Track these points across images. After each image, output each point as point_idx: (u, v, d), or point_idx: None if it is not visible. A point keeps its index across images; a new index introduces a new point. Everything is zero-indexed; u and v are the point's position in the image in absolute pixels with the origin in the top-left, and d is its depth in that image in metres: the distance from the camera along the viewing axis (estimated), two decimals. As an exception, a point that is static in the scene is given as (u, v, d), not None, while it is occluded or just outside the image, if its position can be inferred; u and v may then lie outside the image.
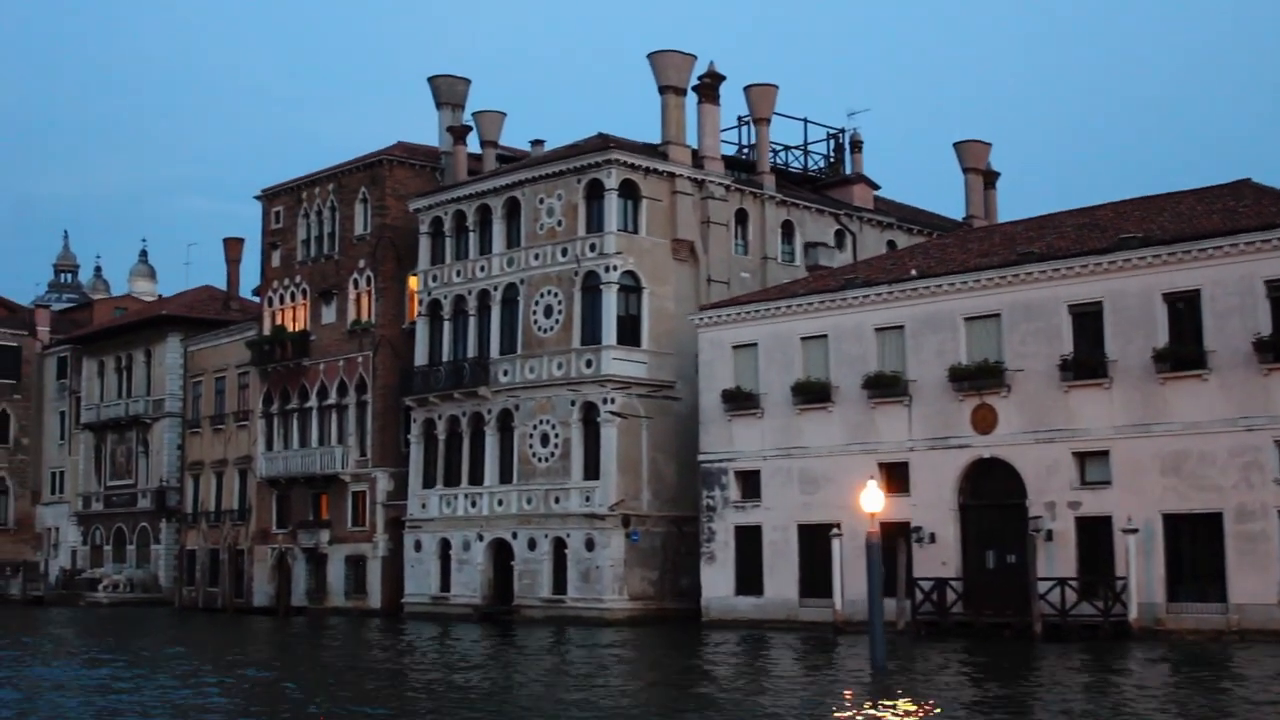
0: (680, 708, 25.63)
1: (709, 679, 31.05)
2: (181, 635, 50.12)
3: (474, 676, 31.93)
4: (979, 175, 64.89)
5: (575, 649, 39.83)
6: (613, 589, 50.11)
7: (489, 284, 55.28)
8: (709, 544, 47.94)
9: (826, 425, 45.35)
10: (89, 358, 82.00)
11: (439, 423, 56.40)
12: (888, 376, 43.84)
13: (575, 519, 51.20)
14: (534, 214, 54.03)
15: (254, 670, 34.55)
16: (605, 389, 50.87)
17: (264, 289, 66.81)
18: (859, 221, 59.93)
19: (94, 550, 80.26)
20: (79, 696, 27.80)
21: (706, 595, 47.87)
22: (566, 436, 51.90)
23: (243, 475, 67.81)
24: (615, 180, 51.66)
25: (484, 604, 53.98)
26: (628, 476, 50.88)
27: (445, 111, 62.70)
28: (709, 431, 48.27)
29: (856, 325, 44.99)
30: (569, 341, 52.18)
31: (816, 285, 47.43)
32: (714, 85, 55.35)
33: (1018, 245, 43.89)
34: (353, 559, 60.60)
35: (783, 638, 42.14)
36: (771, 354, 46.90)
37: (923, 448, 43.19)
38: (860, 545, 43.56)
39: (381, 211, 61.01)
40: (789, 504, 46.02)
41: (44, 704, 26.51)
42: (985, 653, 35.59)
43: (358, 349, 61.22)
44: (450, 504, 55.78)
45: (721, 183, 54.72)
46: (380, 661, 37.54)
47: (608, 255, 51.42)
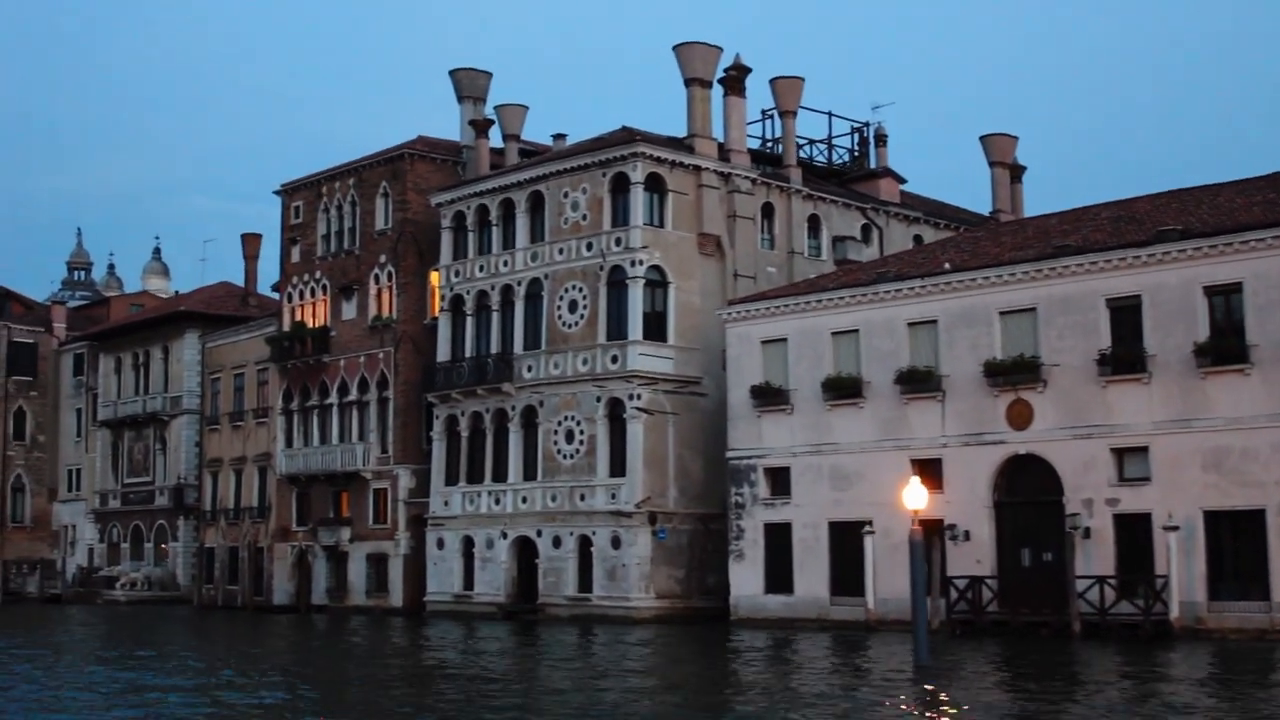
0: (730, 709, 25.10)
1: (750, 679, 30.49)
2: (210, 635, 49.66)
3: (513, 677, 31.42)
4: (1005, 169, 64.26)
5: (606, 648, 39.29)
6: (639, 587, 49.60)
7: (512, 279, 54.78)
8: (737, 542, 47.41)
9: (858, 421, 44.78)
10: (106, 354, 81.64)
11: (462, 419, 55.91)
12: (921, 372, 43.27)
13: (601, 516, 50.69)
14: (558, 208, 53.50)
15: (280, 674, 34.08)
16: (631, 385, 50.35)
17: (283, 284, 66.36)
18: (886, 216, 59.36)
19: (111, 548, 79.94)
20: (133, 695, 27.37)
21: (735, 594, 47.34)
22: (592, 433, 51.38)
23: (262, 472, 67.39)
24: (641, 174, 51.12)
25: (508, 602, 53.51)
26: (654, 473, 50.36)
27: (467, 105, 62.21)
28: (737, 428, 47.74)
29: (888, 320, 44.42)
30: (594, 337, 51.67)
31: (847, 279, 46.85)
32: (740, 78, 54.79)
33: (1052, 238, 43.28)
34: (374, 557, 60.15)
35: (815, 637, 41.61)
36: (801, 349, 46.35)
37: (956, 444, 42.61)
38: (893, 543, 43.33)
39: (403, 206, 60.52)
40: (819, 501, 45.47)
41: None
42: (1026, 652, 35.00)
43: (379, 345, 60.75)
44: (473, 501, 55.29)
45: (748, 176, 54.17)
46: (416, 662, 37.03)
47: (633, 249, 50.89)
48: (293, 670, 33.76)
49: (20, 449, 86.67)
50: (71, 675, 32.33)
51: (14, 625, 54.40)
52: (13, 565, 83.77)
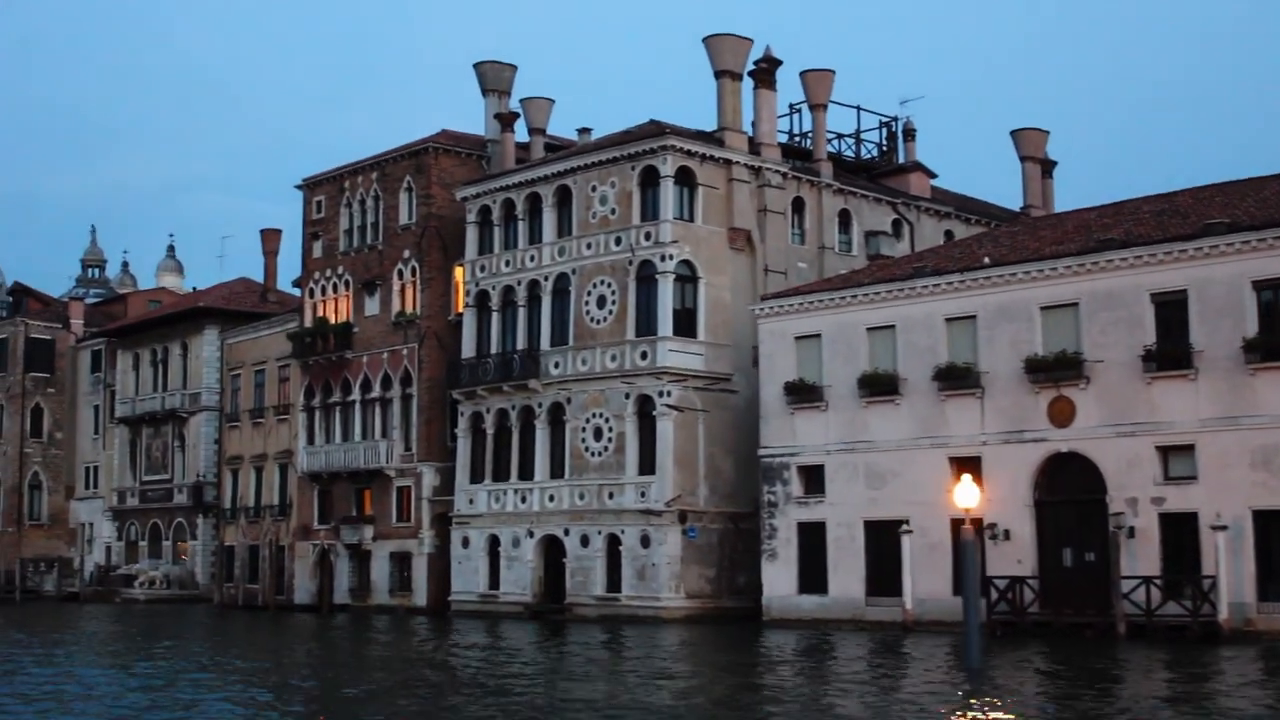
0: (780, 712, 24.45)
1: (793, 680, 29.82)
2: (235, 635, 49.11)
3: (547, 682, 30.77)
4: (1037, 164, 63.50)
5: (640, 649, 38.62)
6: (669, 587, 48.94)
7: (539, 274, 54.13)
8: (770, 541, 46.72)
9: (894, 418, 44.07)
10: (124, 351, 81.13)
11: (487, 416, 55.28)
12: (959, 368, 42.56)
13: (630, 515, 50.03)
14: (586, 202, 52.84)
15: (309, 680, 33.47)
16: (661, 381, 49.68)
17: (305, 280, 65.77)
18: (916, 211, 58.65)
19: (129, 546, 79.44)
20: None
21: (768, 593, 46.67)
22: (621, 430, 50.72)
23: (283, 470, 66.80)
24: (671, 167, 50.45)
25: (534, 602, 52.87)
26: (684, 471, 49.70)
27: (491, 99, 61.54)
28: (770, 425, 47.05)
29: (926, 315, 43.71)
30: (623, 333, 51.00)
31: (883, 274, 46.16)
32: (770, 70, 54.15)
33: (1093, 232, 42.61)
34: (397, 555, 59.54)
35: (851, 637, 40.96)
36: (836, 345, 45.66)
37: (996, 441, 41.89)
38: (931, 542, 42.71)
39: (427, 200, 59.89)
40: (855, 500, 44.78)
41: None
42: (1073, 655, 34.27)
43: (402, 341, 60.13)
44: (499, 499, 54.66)
45: (778, 170, 53.48)
46: (449, 664, 36.40)
47: (663, 244, 50.22)
48: (326, 675, 33.14)
49: (38, 446, 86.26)
50: (115, 677, 31.76)
51: (37, 624, 53.85)
52: (30, 563, 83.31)
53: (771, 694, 27.36)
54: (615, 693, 27.27)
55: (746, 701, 26.03)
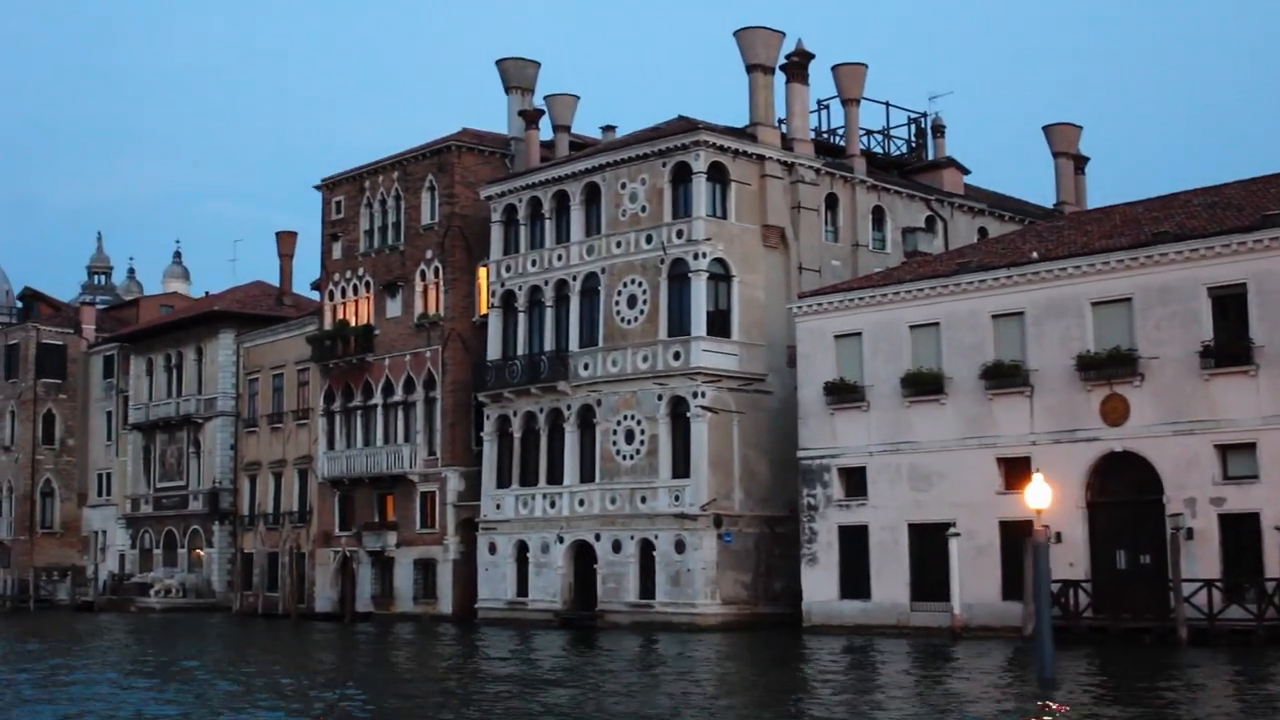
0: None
1: (860, 691, 28.71)
2: (264, 646, 47.98)
3: (607, 694, 29.69)
4: (1069, 159, 62.43)
5: (683, 658, 37.53)
6: (705, 593, 47.83)
7: (567, 273, 53.06)
8: (810, 545, 45.62)
9: (939, 418, 42.95)
10: (137, 356, 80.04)
11: (514, 419, 54.20)
12: (1007, 366, 41.43)
13: (664, 519, 48.93)
14: (615, 199, 51.77)
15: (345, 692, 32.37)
16: (695, 382, 48.59)
17: (324, 282, 64.71)
18: (950, 207, 57.58)
19: (143, 554, 78.33)
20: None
21: (808, 599, 45.56)
22: (653, 433, 49.62)
23: (303, 475, 65.72)
24: (703, 163, 49.39)
25: (565, 609, 51.78)
26: (719, 474, 48.61)
27: (514, 96, 60.47)
28: (809, 426, 45.95)
29: (971, 312, 42.60)
30: (655, 333, 49.91)
31: (926, 270, 45.05)
32: (803, 64, 53.12)
33: (1143, 226, 41.51)
34: (422, 562, 58.43)
35: (898, 644, 39.86)
36: (877, 344, 44.57)
37: (1046, 441, 40.73)
38: (978, 545, 41.59)
39: (450, 199, 58.82)
40: (898, 502, 43.66)
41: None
42: (1137, 661, 33.19)
43: (425, 343, 59.05)
44: (527, 504, 53.57)
45: (812, 166, 52.42)
46: (492, 673, 35.31)
47: (696, 242, 49.13)
48: (372, 688, 32.04)
49: (49, 453, 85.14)
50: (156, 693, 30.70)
51: (57, 634, 52.78)
52: (42, 572, 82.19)
53: (846, 706, 26.25)
54: (671, 704, 26.20)
55: (821, 715, 24.95)
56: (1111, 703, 25.62)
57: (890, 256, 54.35)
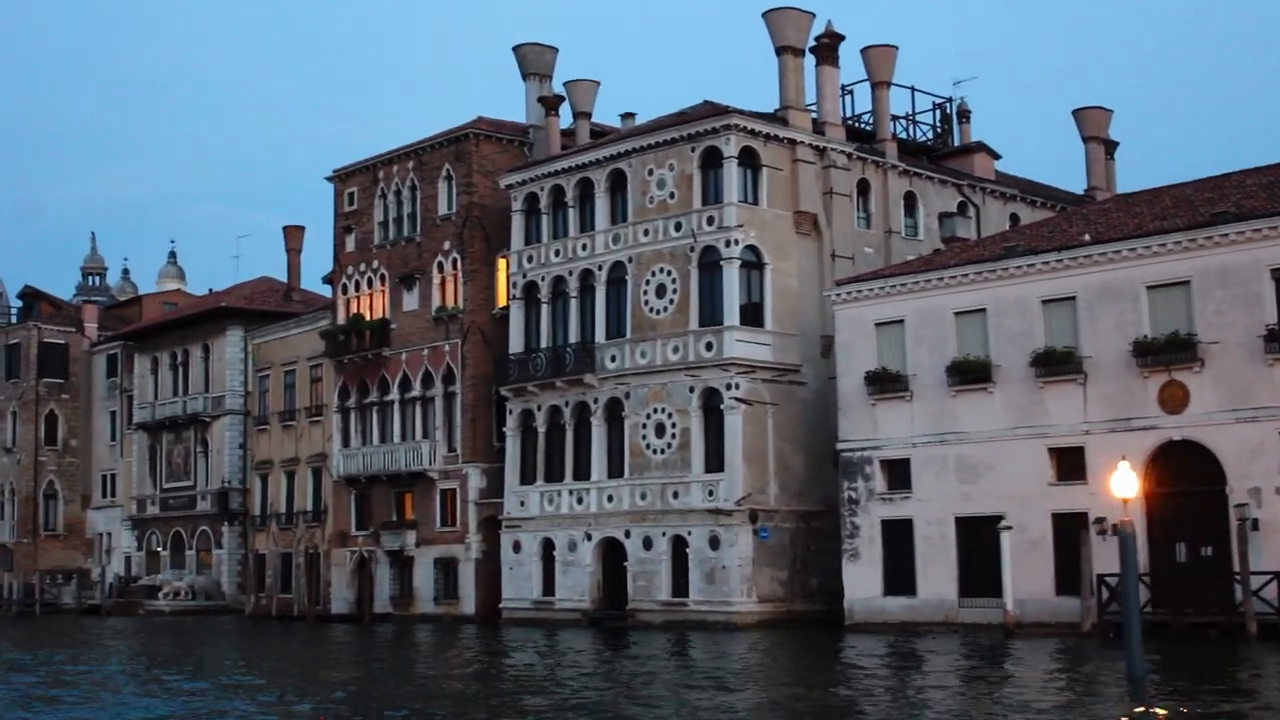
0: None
1: (936, 691, 27.35)
2: (285, 650, 46.58)
3: (659, 697, 28.33)
4: (1100, 144, 61.14)
5: (729, 657, 36.20)
6: (741, 590, 46.49)
7: (592, 263, 51.68)
8: (852, 540, 44.27)
9: (987, 408, 41.62)
10: (141, 354, 78.56)
11: (538, 414, 52.81)
12: (1059, 353, 40.10)
13: (697, 515, 47.58)
14: (642, 186, 50.39)
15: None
16: (729, 373, 47.24)
17: (337, 275, 63.25)
18: (982, 193, 56.25)
19: (150, 556, 76.91)
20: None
21: (850, 596, 44.20)
22: (685, 426, 48.26)
23: (316, 474, 64.27)
24: (734, 147, 48.03)
25: (593, 609, 50.40)
26: (754, 468, 47.28)
27: (532, 82, 59.07)
28: (849, 417, 44.62)
29: (1020, 298, 41.27)
30: (686, 323, 48.55)
31: (970, 255, 43.70)
32: (833, 46, 51.84)
33: (1198, 206, 40.20)
34: (442, 561, 57.01)
35: (950, 641, 38.55)
36: (920, 331, 43.24)
37: (1101, 430, 39.40)
38: (1030, 539, 40.25)
39: (468, 189, 57.40)
40: (945, 495, 42.33)
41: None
42: (1210, 657, 31.89)
43: (444, 337, 57.63)
44: (553, 501, 52.19)
45: (844, 151, 51.09)
46: (532, 678, 33.94)
47: (728, 229, 47.78)
48: (412, 694, 30.67)
49: (52, 454, 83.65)
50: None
51: (70, 639, 51.32)
52: (47, 575, 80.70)
53: (925, 709, 24.92)
54: (735, 704, 24.88)
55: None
56: (1216, 700, 24.29)
57: (923, 243, 53.06)
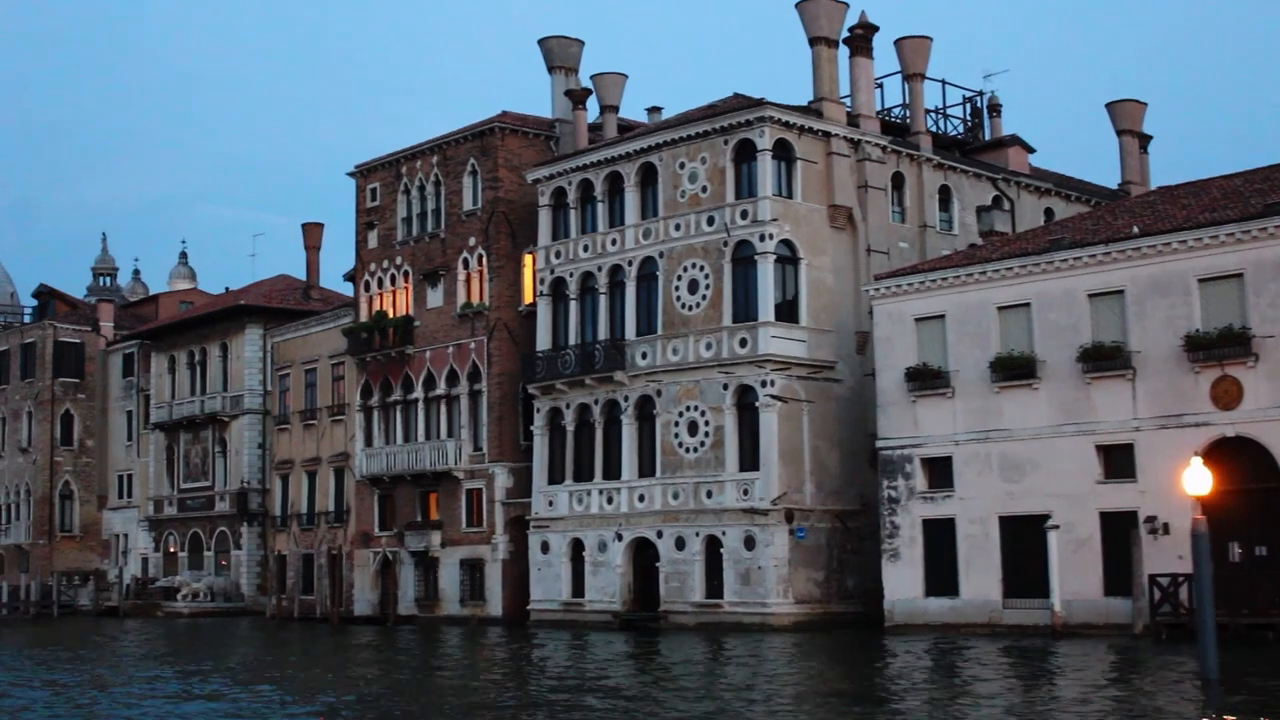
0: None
1: (1017, 696, 26.45)
2: (314, 653, 45.71)
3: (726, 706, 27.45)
4: (1134, 137, 60.19)
5: (781, 661, 35.33)
6: (777, 591, 45.61)
7: (622, 258, 50.82)
8: (892, 540, 43.36)
9: (1032, 404, 40.70)
10: (158, 353, 77.77)
11: (567, 412, 51.95)
12: (1107, 348, 39.18)
13: (731, 514, 46.69)
14: (674, 180, 49.52)
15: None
16: (764, 370, 46.35)
17: (359, 272, 62.42)
18: (1017, 187, 55.33)
19: (167, 557, 76.14)
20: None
21: (890, 597, 43.29)
22: (718, 424, 47.38)
23: (339, 474, 63.44)
24: (768, 140, 47.14)
25: (624, 610, 49.53)
26: (789, 467, 46.37)
27: (558, 76, 58.28)
28: (888, 415, 43.72)
29: (1066, 291, 40.33)
30: (719, 319, 47.67)
31: (1014, 248, 42.76)
32: (867, 37, 50.92)
33: (1248, 198, 39.26)
34: (468, 563, 56.15)
35: (996, 643, 37.63)
36: (962, 326, 42.31)
37: (1151, 426, 38.48)
38: (1077, 539, 39.34)
39: (494, 184, 56.56)
40: (988, 493, 41.40)
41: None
42: (1275, 661, 30.98)
43: (469, 334, 56.78)
44: (582, 501, 51.33)
45: (879, 143, 50.19)
46: (585, 684, 33.05)
47: (762, 222, 46.89)
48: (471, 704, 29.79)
49: (68, 454, 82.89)
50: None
51: (95, 641, 50.50)
52: (63, 577, 79.93)
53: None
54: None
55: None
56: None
57: (958, 238, 52.19)
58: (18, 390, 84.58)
